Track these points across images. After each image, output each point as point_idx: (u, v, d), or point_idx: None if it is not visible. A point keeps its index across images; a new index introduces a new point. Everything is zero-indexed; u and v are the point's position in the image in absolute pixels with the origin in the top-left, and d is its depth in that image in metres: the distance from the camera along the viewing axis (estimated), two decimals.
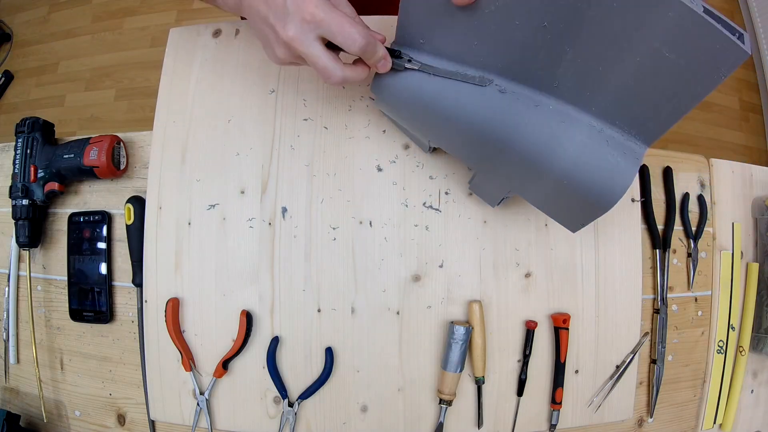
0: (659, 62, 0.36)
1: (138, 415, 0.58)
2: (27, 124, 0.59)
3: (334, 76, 0.41)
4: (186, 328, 0.56)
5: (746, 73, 1.88)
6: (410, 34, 0.44)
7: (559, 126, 0.41)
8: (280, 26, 0.40)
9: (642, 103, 0.39)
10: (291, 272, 0.56)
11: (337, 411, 0.56)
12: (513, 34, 0.39)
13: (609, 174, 0.41)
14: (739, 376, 0.62)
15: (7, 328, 0.61)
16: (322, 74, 0.41)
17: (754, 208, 0.66)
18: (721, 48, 0.33)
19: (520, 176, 0.45)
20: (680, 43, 0.34)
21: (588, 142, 0.41)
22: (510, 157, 0.43)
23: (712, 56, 0.34)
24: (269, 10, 0.40)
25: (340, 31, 0.39)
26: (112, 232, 0.60)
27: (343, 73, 0.42)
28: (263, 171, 0.57)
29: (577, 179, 0.41)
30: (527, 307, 0.57)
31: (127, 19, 1.83)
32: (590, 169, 0.41)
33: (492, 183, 0.50)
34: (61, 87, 1.80)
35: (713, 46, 0.33)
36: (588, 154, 0.41)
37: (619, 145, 0.41)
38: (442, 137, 0.49)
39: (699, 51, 0.34)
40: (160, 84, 0.60)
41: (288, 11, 0.39)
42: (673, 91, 0.37)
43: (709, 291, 0.63)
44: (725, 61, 0.34)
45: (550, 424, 0.57)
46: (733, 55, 0.34)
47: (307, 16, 0.39)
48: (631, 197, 0.60)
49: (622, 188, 0.41)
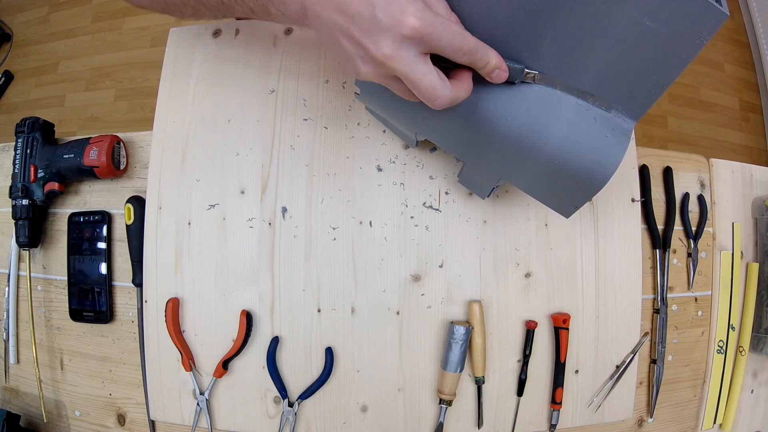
0: (641, 32, 0.36)
1: (138, 415, 0.58)
2: (27, 124, 0.59)
3: (443, 97, 0.35)
4: (186, 328, 0.56)
5: (746, 73, 1.88)
6: None
7: (545, 106, 0.41)
8: (369, 42, 0.33)
9: (627, 77, 0.39)
10: (291, 272, 0.56)
11: (337, 411, 0.56)
12: (494, 11, 0.38)
13: (599, 150, 0.41)
14: (739, 376, 0.62)
15: (7, 328, 0.61)
16: (427, 95, 0.35)
17: (754, 208, 0.66)
18: (700, 12, 0.34)
19: (509, 162, 0.45)
20: (660, 11, 0.34)
21: (575, 120, 0.41)
22: (498, 141, 0.43)
23: (692, 21, 0.34)
24: (352, 23, 0.33)
25: (451, 43, 0.33)
26: (112, 232, 0.60)
27: (452, 92, 0.35)
28: (263, 171, 0.57)
29: (567, 158, 0.41)
30: (527, 307, 0.57)
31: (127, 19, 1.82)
32: (580, 147, 0.41)
33: (481, 172, 0.50)
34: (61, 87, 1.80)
35: (692, 10, 0.34)
36: (576, 132, 0.41)
37: (607, 122, 0.41)
38: (428, 127, 0.48)
39: (679, 17, 0.34)
40: (160, 84, 0.60)
41: (380, 25, 0.32)
42: (657, 61, 0.37)
43: (709, 291, 0.63)
44: (705, 24, 0.34)
45: (550, 424, 0.57)
46: (713, 18, 0.34)
47: (407, 31, 0.32)
48: (631, 197, 0.60)
49: (614, 164, 0.41)
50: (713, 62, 1.86)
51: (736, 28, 1.93)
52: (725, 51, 1.89)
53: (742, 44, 1.92)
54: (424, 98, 0.36)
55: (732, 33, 1.92)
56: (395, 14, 0.32)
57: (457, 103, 0.37)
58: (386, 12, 0.32)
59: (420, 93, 0.35)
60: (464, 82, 0.37)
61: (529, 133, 0.41)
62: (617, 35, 0.36)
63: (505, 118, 0.42)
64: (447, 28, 0.33)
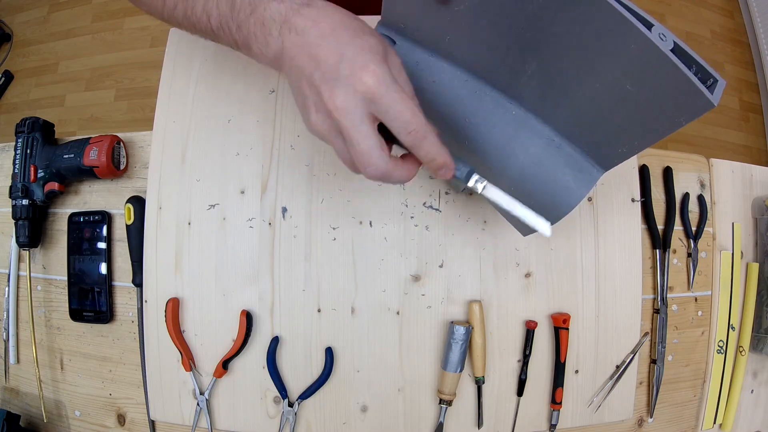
0: (619, 93, 0.34)
1: (138, 415, 0.58)
2: (27, 124, 0.59)
3: (375, 166, 0.33)
4: (186, 328, 0.56)
5: (746, 73, 1.88)
6: (393, 17, 0.42)
7: (517, 133, 0.41)
8: (325, 89, 0.33)
9: (599, 130, 0.38)
10: (291, 272, 0.56)
11: (337, 411, 0.56)
12: (481, 35, 0.38)
13: (556, 192, 0.41)
14: (739, 376, 0.62)
15: (7, 328, 0.61)
16: (361, 158, 0.33)
17: (754, 208, 0.66)
18: (685, 93, 0.30)
19: (481, 170, 0.45)
20: (642, 79, 0.32)
21: (541, 156, 0.40)
22: (472, 150, 0.43)
23: (674, 99, 0.31)
24: (317, 68, 0.33)
25: (399, 114, 0.32)
26: (112, 232, 0.60)
27: (386, 166, 0.34)
28: (263, 171, 0.57)
29: (524, 189, 0.41)
30: (527, 307, 0.57)
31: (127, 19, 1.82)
32: (538, 183, 0.41)
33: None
34: (61, 87, 1.79)
35: (677, 88, 0.31)
36: (538, 168, 0.41)
37: (576, 164, 0.41)
38: None
39: (661, 90, 0.32)
40: (160, 84, 0.60)
41: (339, 75, 0.32)
42: (630, 125, 0.36)
43: (709, 291, 0.63)
44: (688, 108, 0.31)
45: (550, 424, 0.57)
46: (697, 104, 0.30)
47: (360, 87, 0.32)
48: (631, 197, 0.60)
49: (567, 208, 0.40)
50: (713, 62, 1.86)
51: (736, 28, 1.93)
52: (725, 51, 1.89)
53: (742, 44, 1.92)
54: (357, 161, 0.34)
55: (732, 33, 1.92)
56: (356, 68, 0.32)
57: (391, 182, 0.35)
58: (349, 64, 0.32)
59: (355, 154, 0.33)
60: (407, 165, 0.35)
61: (498, 153, 0.42)
62: (595, 89, 0.35)
63: (481, 133, 0.41)
64: (400, 98, 0.32)
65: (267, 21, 0.35)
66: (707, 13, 1.92)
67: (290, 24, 0.34)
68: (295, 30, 0.34)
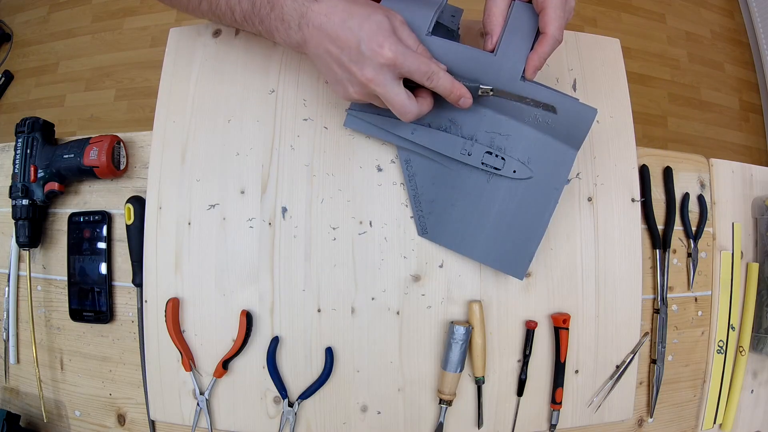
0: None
1: (138, 415, 0.58)
2: (27, 124, 0.59)
3: (411, 112, 0.44)
4: (186, 328, 0.56)
5: (746, 73, 1.88)
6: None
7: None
8: (356, 68, 0.42)
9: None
10: (291, 272, 0.56)
11: (337, 411, 0.56)
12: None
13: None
14: (739, 376, 0.62)
15: (7, 328, 0.61)
16: (399, 111, 0.44)
17: (754, 208, 0.66)
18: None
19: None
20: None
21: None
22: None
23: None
24: (342, 52, 0.42)
25: (416, 70, 0.42)
26: (112, 232, 0.60)
27: (417, 108, 0.45)
28: (263, 171, 0.57)
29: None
30: (527, 307, 0.57)
31: (127, 19, 1.82)
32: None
33: None
34: (61, 87, 1.79)
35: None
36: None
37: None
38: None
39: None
40: (160, 84, 0.60)
41: (364, 55, 0.41)
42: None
43: (709, 291, 0.63)
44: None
45: (550, 424, 0.57)
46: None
47: (383, 60, 0.41)
48: (631, 197, 0.60)
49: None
50: (713, 62, 1.86)
51: (736, 28, 1.93)
52: (725, 51, 1.89)
53: (742, 44, 1.92)
54: (396, 113, 0.45)
55: (732, 33, 1.92)
56: (374, 47, 0.41)
57: (422, 116, 0.47)
58: (368, 45, 0.41)
59: (394, 109, 0.45)
60: (427, 99, 0.47)
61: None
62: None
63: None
64: (414, 58, 0.42)
65: (286, 17, 0.44)
66: (707, 13, 1.92)
67: (307, 19, 0.43)
68: (313, 25, 0.42)
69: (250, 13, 0.46)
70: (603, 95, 0.61)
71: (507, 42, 0.47)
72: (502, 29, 0.46)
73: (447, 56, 0.48)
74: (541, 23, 0.45)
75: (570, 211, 0.58)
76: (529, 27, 0.47)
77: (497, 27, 0.46)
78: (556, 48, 0.45)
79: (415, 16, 0.47)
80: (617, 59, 0.63)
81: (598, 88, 0.61)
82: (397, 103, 0.44)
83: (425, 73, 0.43)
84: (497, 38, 0.47)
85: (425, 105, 0.46)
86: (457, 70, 0.48)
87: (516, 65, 0.47)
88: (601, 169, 0.59)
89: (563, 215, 0.58)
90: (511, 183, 0.52)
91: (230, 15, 0.48)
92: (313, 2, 0.42)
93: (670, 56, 1.83)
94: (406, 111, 0.44)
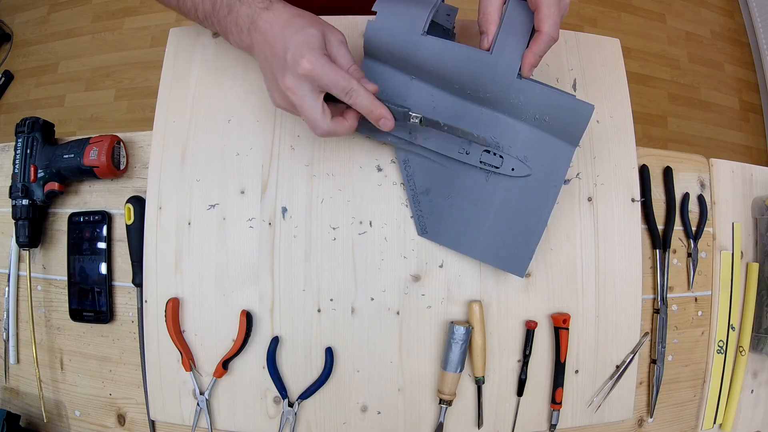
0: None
1: (138, 415, 0.58)
2: (27, 124, 0.59)
3: (320, 128, 0.45)
4: (186, 328, 0.56)
5: (746, 73, 1.88)
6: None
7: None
8: (280, 75, 0.44)
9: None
10: (291, 272, 0.56)
11: (337, 411, 0.56)
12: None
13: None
14: (739, 376, 0.62)
15: (7, 328, 0.61)
16: (310, 124, 0.45)
17: (754, 208, 0.66)
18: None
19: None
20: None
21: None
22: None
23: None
24: (273, 58, 0.44)
25: (335, 85, 0.43)
26: (112, 232, 0.60)
27: (328, 126, 0.45)
28: (263, 171, 0.57)
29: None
30: (527, 307, 0.57)
31: (127, 19, 1.82)
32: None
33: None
34: (61, 87, 1.79)
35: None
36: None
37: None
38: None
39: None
40: (160, 84, 0.60)
41: (287, 64, 0.43)
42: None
43: (709, 291, 0.63)
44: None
45: (550, 424, 0.57)
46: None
47: (301, 71, 0.42)
48: (631, 197, 0.60)
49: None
50: (713, 62, 1.86)
51: (736, 28, 1.93)
52: (725, 51, 1.89)
53: (742, 44, 1.92)
54: (308, 125, 0.45)
55: (732, 33, 1.92)
56: (297, 58, 0.42)
57: (337, 136, 0.47)
58: (291, 55, 0.42)
59: (305, 120, 0.45)
60: (347, 122, 0.47)
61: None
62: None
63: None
64: (334, 73, 0.42)
65: (239, 21, 0.46)
66: (707, 13, 1.92)
67: (256, 26, 0.45)
68: (259, 31, 0.45)
69: (210, 12, 0.48)
70: (603, 95, 0.61)
71: (502, 40, 0.46)
72: (497, 28, 0.46)
73: (443, 56, 0.48)
74: (537, 21, 0.45)
75: (570, 211, 0.58)
76: (524, 25, 0.47)
77: (492, 25, 0.46)
78: (552, 45, 0.45)
79: (410, 16, 0.47)
80: (617, 59, 0.63)
81: (598, 88, 0.61)
82: (309, 115, 0.44)
83: (344, 88, 0.43)
84: (493, 37, 0.46)
85: (341, 127, 0.46)
86: (453, 70, 0.48)
87: (512, 63, 0.47)
88: (601, 169, 0.59)
89: (563, 215, 0.58)
90: (509, 181, 0.52)
91: (194, 12, 0.50)
92: (263, 10, 0.45)
93: (670, 56, 1.83)
94: (317, 125, 0.44)
